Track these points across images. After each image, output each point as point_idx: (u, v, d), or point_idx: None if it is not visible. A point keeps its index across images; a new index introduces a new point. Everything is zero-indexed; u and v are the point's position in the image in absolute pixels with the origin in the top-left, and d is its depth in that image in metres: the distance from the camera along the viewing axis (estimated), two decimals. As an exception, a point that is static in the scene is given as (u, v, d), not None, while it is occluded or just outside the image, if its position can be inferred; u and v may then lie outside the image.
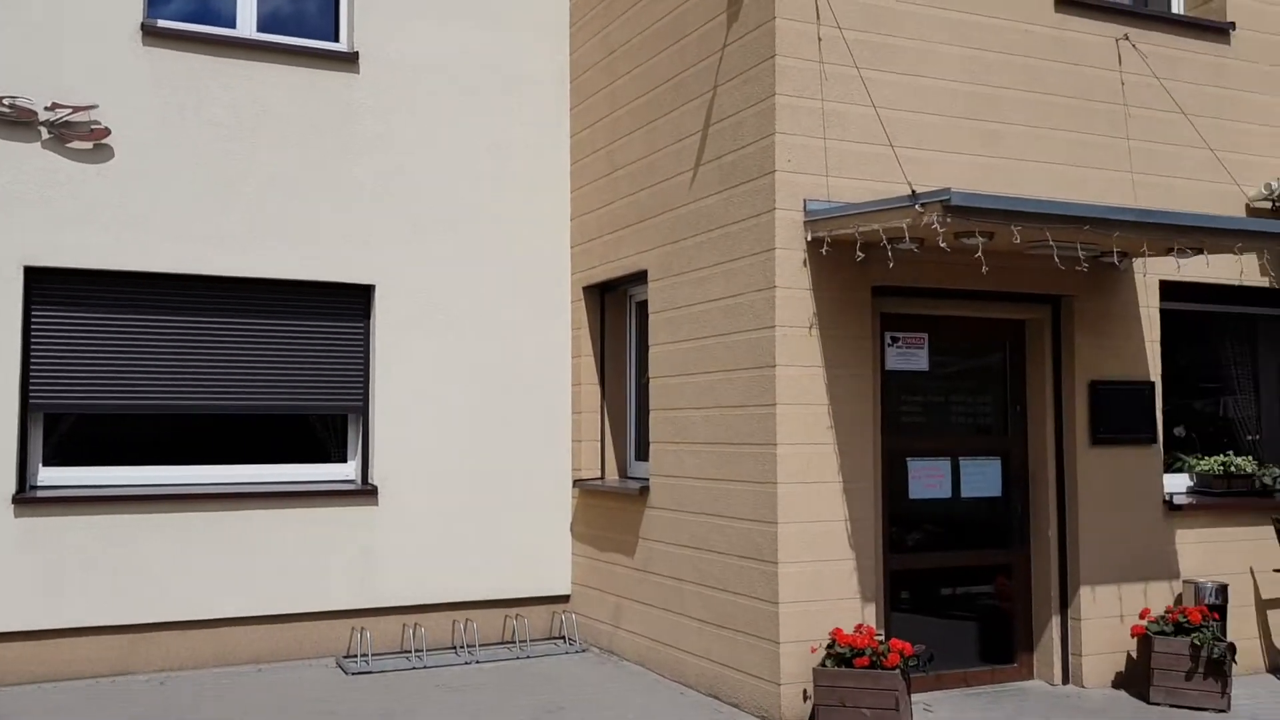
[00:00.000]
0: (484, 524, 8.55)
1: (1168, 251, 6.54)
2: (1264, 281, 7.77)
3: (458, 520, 8.46)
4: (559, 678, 7.57)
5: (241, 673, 7.62)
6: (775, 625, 6.35)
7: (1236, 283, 7.38)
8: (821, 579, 6.46)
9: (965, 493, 7.24)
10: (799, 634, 6.34)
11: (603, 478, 8.73)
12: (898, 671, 5.88)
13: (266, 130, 8.11)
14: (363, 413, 8.37)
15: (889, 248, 6.03)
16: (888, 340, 7.09)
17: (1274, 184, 7.74)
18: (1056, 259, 6.02)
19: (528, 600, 8.69)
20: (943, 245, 5.74)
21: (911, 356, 7.17)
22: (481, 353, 8.63)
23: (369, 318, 8.39)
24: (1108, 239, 5.90)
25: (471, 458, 8.54)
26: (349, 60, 8.37)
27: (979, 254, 5.91)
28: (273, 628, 7.94)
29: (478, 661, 7.98)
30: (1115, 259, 6.71)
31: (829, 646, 6.13)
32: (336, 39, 8.56)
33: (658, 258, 7.73)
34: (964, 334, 7.40)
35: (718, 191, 7.02)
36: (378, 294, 8.36)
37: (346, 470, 8.43)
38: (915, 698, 6.69)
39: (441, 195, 8.60)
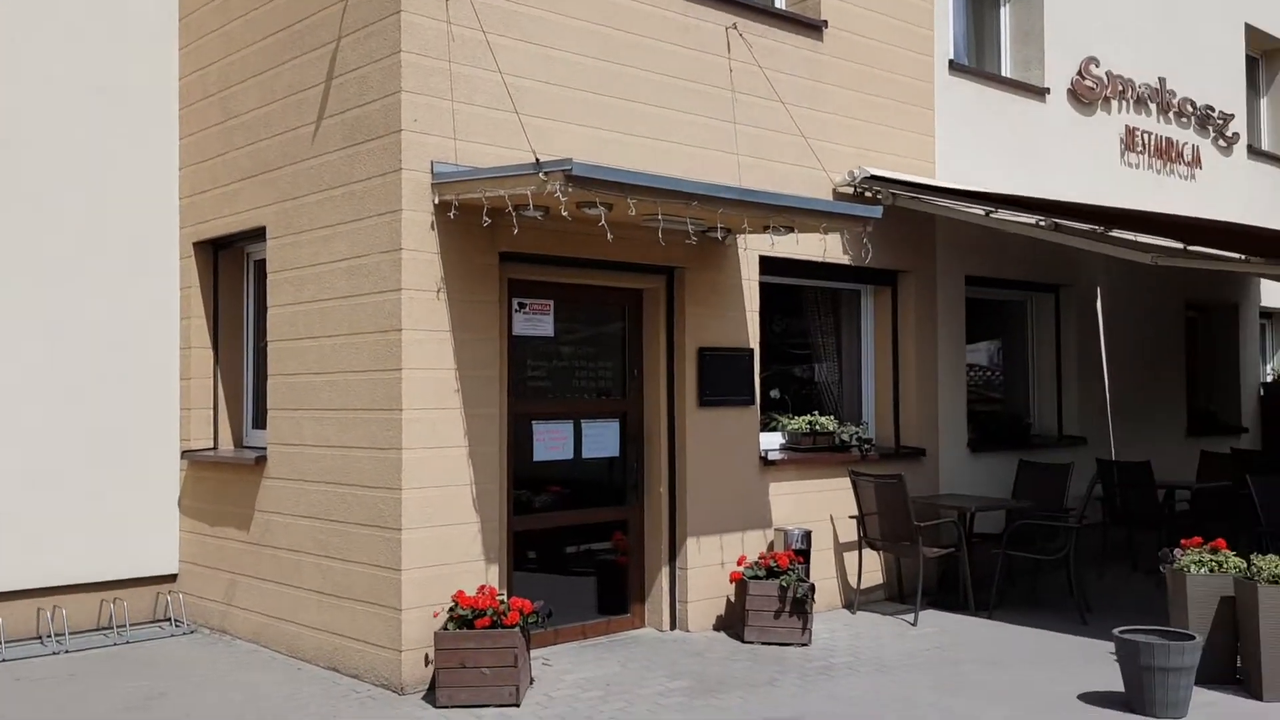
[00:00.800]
0: (74, 498, 7.73)
1: (765, 229, 7.13)
2: (845, 259, 8.68)
3: (42, 494, 7.60)
4: (161, 661, 7.05)
5: None
6: (397, 592, 6.28)
7: (820, 259, 8.18)
8: (446, 543, 6.46)
9: (587, 454, 7.53)
10: (422, 599, 6.32)
11: (215, 448, 8.19)
12: (517, 629, 6.02)
13: None
14: (-79, 378, 7.27)
15: (515, 214, 6.10)
16: (515, 306, 7.20)
17: (856, 171, 8.66)
18: (661, 234, 6.37)
19: (128, 582, 7.99)
20: (565, 214, 5.89)
21: (538, 322, 7.32)
22: (71, 308, 7.76)
23: (-71, 269, 7.28)
24: (713, 215, 6.33)
25: (60, 424, 7.69)
26: (-99, -33, 7.17)
27: (601, 224, 6.12)
28: None
29: (67, 651, 7.25)
30: (720, 234, 7.21)
31: (451, 610, 6.16)
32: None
33: (277, 214, 7.33)
34: (588, 301, 7.67)
35: (342, 148, 6.76)
36: (-60, 242, 7.28)
37: (-100, 444, 7.31)
38: (535, 653, 6.89)
39: (37, 136, 7.61)
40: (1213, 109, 12.50)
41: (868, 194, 8.64)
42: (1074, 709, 6.00)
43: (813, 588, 7.43)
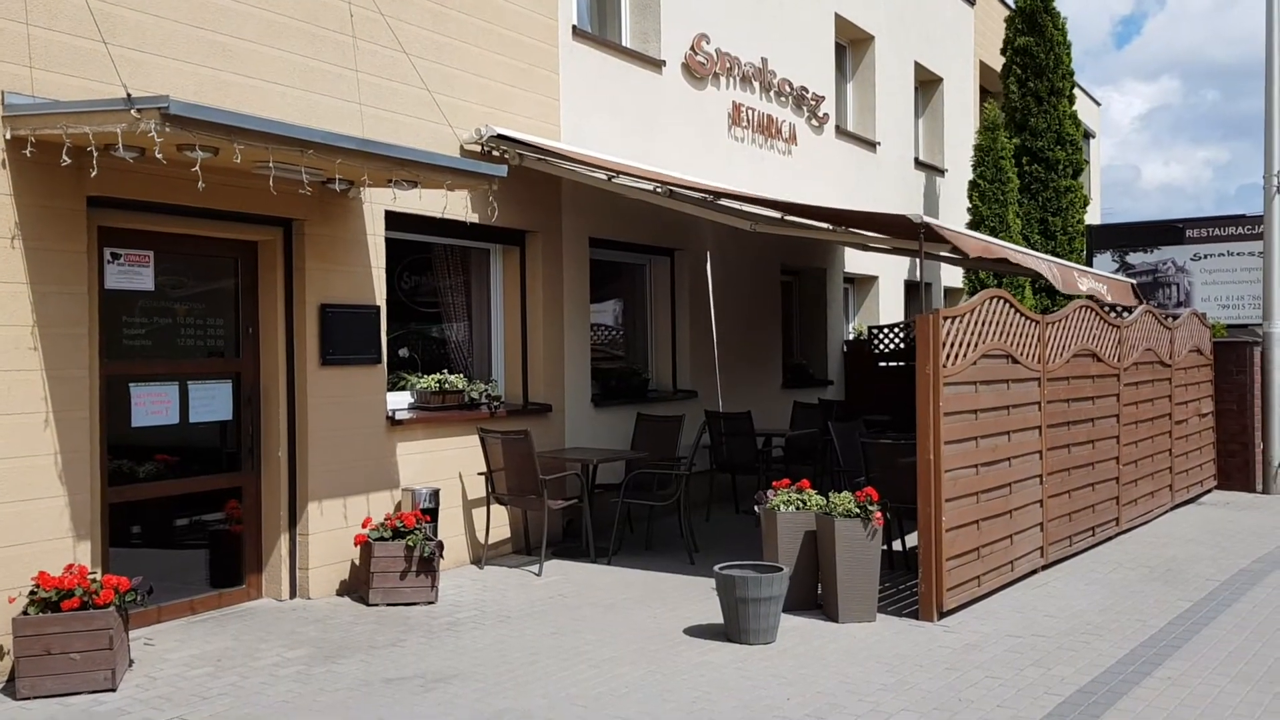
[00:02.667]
0: None
1: (388, 183, 6.96)
2: (472, 218, 8.68)
3: None
4: None
5: None
6: (-36, 578, 5.56)
7: (441, 215, 8.13)
8: (25, 520, 5.80)
9: (195, 418, 7.03)
10: (-4, 584, 5.64)
11: None
12: (112, 609, 5.53)
13: None
14: None
15: (103, 156, 5.52)
16: (108, 257, 6.54)
17: (483, 130, 8.66)
18: (272, 182, 6.04)
19: None
20: (160, 157, 5.40)
21: (136, 275, 6.71)
22: None
23: None
24: (330, 165, 6.08)
25: None
26: None
27: (196, 169, 5.69)
28: None
29: None
30: (339, 185, 6.96)
31: (32, 593, 5.54)
32: None
33: None
34: (195, 253, 7.12)
35: (-118, 67, 5.78)
36: None
37: None
38: (136, 633, 6.39)
39: None
40: (807, 90, 13.75)
41: (494, 153, 8.68)
42: (678, 642, 6.47)
43: (440, 545, 7.44)
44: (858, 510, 6.82)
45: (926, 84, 18.05)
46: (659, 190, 8.79)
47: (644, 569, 8.51)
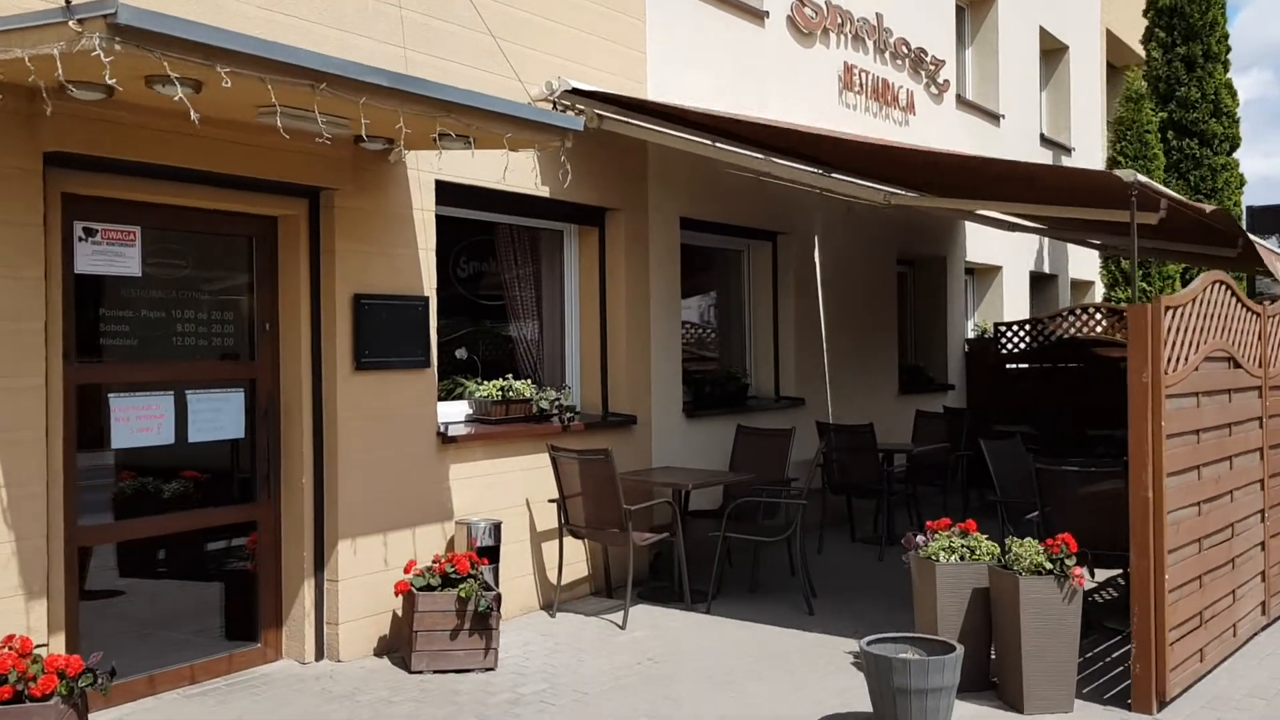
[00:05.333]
0: None
1: (433, 141, 5.44)
2: (544, 190, 7.18)
3: None
4: None
5: None
6: None
7: (501, 187, 6.65)
8: (-45, 576, 4.41)
9: (195, 436, 5.60)
10: (-89, 662, 4.24)
11: None
12: (55, 700, 4.10)
13: None
14: None
15: (60, 97, 4.12)
16: (79, 233, 5.14)
17: (555, 83, 7.13)
18: (279, 121, 4.57)
19: None
20: (112, 82, 3.97)
21: (117, 257, 5.30)
22: None
23: None
24: (353, 107, 4.58)
25: None
26: None
27: (193, 118, 4.26)
28: None
29: None
30: (375, 143, 5.47)
31: (-49, 678, 4.14)
32: None
33: None
34: (197, 230, 5.71)
35: None
36: None
37: None
38: (116, 712, 4.98)
39: None
40: (926, 53, 11.99)
41: (569, 111, 7.13)
42: (815, 741, 4.86)
43: (498, 598, 5.91)
44: (1049, 564, 5.12)
45: (1050, 53, 16.08)
46: (815, 172, 6.95)
47: (752, 620, 6.89)
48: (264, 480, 5.91)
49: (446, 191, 6.65)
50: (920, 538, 5.69)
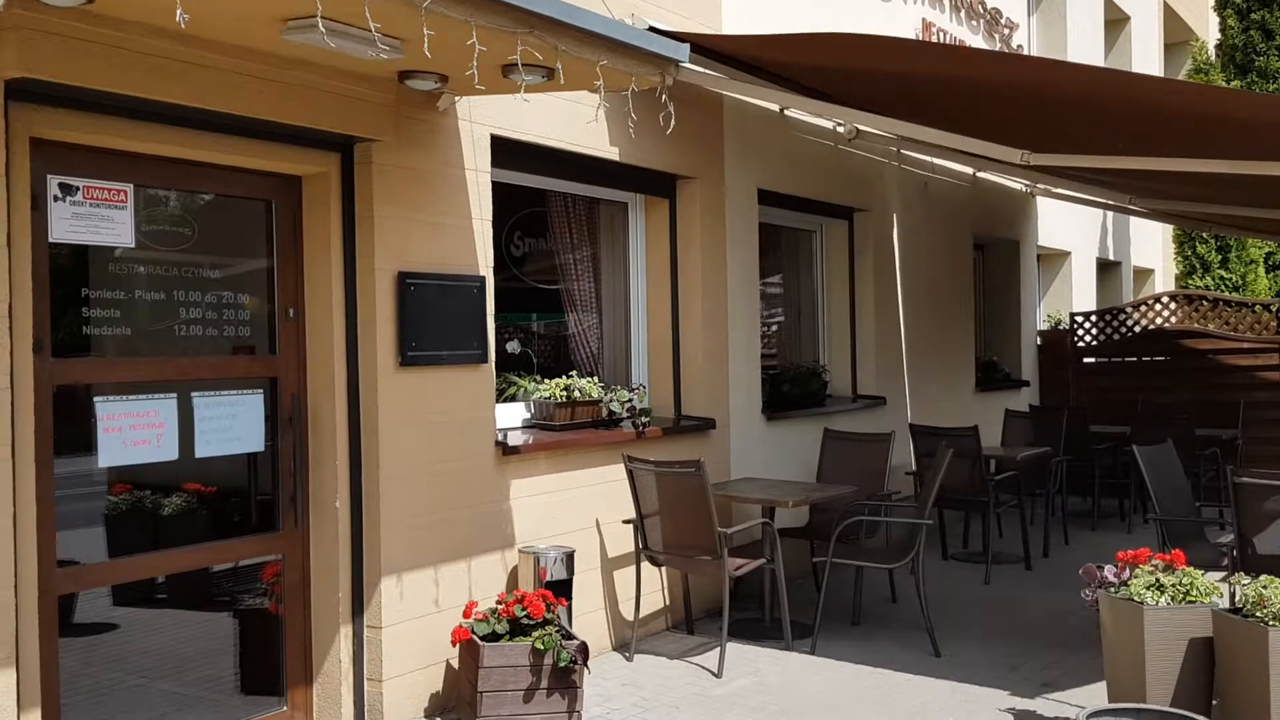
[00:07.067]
0: None
1: (505, 73, 4.28)
2: (613, 153, 6.03)
3: None
4: None
5: None
6: None
7: (565, 145, 5.54)
8: (-117, 646, 3.25)
9: (203, 450, 4.44)
10: None
11: None
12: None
13: None
14: None
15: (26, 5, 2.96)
16: (55, 190, 3.98)
17: (632, 19, 5.96)
18: (321, 41, 3.40)
19: None
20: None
21: (104, 222, 4.14)
22: None
23: None
24: (414, 14, 3.41)
25: None
26: None
27: (183, 20, 3.11)
28: None
29: None
30: (430, 82, 4.31)
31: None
32: None
33: None
34: (204, 189, 4.56)
35: None
36: None
37: None
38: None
39: None
40: (1000, 14, 10.86)
41: (645, 57, 5.97)
42: None
43: (584, 649, 4.75)
44: (1303, 611, 3.99)
45: (1113, 23, 14.97)
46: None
47: (868, 664, 5.76)
48: (289, 503, 4.74)
49: (503, 151, 5.49)
50: (1108, 570, 4.56)
